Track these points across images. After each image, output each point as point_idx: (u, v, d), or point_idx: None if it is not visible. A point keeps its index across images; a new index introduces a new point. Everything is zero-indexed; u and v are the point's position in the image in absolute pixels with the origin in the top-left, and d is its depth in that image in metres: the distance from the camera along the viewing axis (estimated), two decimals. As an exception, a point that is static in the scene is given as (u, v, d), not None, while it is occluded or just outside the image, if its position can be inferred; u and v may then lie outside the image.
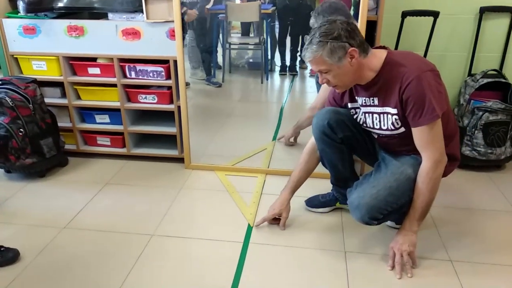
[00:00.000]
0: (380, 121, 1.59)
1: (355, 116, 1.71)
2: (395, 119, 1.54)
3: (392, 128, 1.57)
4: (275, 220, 1.90)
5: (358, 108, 1.67)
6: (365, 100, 1.61)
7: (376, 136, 1.71)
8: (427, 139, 1.50)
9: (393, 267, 1.61)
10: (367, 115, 1.64)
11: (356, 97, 1.65)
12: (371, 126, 1.65)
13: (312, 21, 2.12)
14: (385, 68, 1.51)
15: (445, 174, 1.63)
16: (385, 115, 1.56)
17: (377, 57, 1.52)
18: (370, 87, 1.56)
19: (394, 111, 1.52)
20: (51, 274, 1.59)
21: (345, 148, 1.78)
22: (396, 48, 2.45)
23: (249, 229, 1.88)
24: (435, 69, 1.51)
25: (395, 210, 1.60)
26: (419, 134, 1.50)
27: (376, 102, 1.57)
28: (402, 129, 1.56)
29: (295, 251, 1.73)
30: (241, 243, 1.78)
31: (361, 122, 1.69)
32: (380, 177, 1.62)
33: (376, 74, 1.52)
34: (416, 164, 1.58)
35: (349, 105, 1.71)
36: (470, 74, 2.49)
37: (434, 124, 1.46)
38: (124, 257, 1.68)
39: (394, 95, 1.50)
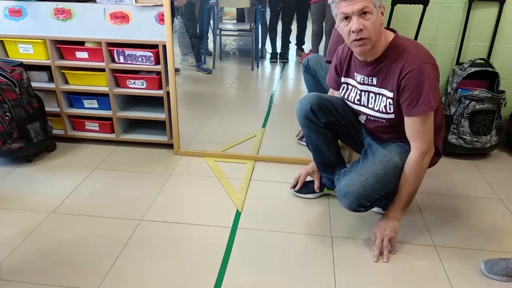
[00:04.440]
0: (375, 101, 1.60)
1: (345, 94, 1.70)
2: (389, 103, 1.55)
3: (383, 111, 1.58)
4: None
5: (352, 85, 1.67)
6: (363, 78, 1.61)
7: (364, 119, 1.72)
8: (418, 130, 1.51)
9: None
10: (363, 93, 1.63)
11: (355, 73, 1.64)
12: (365, 104, 1.64)
13: None
14: (389, 50, 1.50)
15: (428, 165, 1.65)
16: (381, 96, 1.57)
17: (386, 36, 1.51)
18: (371, 66, 1.56)
19: (390, 94, 1.53)
20: (38, 258, 1.59)
21: (329, 133, 1.80)
22: (386, 36, 2.45)
23: (238, 214, 1.89)
24: (436, 64, 1.52)
25: (382, 197, 1.63)
26: (411, 124, 1.52)
27: (374, 82, 1.57)
28: (392, 116, 1.57)
29: (283, 236, 1.76)
30: (229, 228, 1.80)
31: (351, 100, 1.69)
32: (367, 165, 1.64)
33: (380, 54, 1.52)
34: (402, 152, 1.60)
35: (343, 79, 1.71)
36: (458, 63, 2.51)
37: (427, 115, 1.48)
38: (112, 242, 1.69)
39: (393, 79, 1.50)
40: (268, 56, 4.58)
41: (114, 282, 1.49)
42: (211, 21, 4.35)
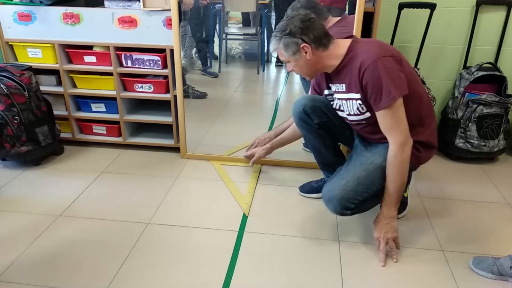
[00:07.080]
0: (348, 107, 1.63)
1: (332, 103, 1.74)
2: (359, 104, 1.57)
3: (358, 112, 1.60)
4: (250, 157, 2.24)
5: (333, 94, 1.71)
6: (337, 86, 1.65)
7: (350, 123, 1.74)
8: (390, 123, 1.53)
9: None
10: (340, 101, 1.67)
11: (330, 84, 1.69)
12: (343, 110, 1.68)
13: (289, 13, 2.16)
14: (347, 56, 1.56)
15: (421, 161, 1.67)
16: (351, 101, 1.60)
17: (340, 47, 1.57)
18: (337, 74, 1.61)
19: (358, 95, 1.56)
20: (45, 262, 1.60)
21: (324, 133, 1.83)
22: (392, 40, 2.45)
23: (244, 218, 1.89)
24: (397, 55, 1.54)
25: (367, 199, 1.62)
26: (381, 118, 1.53)
27: (344, 88, 1.61)
28: (368, 114, 1.58)
29: (290, 240, 1.75)
30: (236, 231, 1.80)
31: (337, 108, 1.72)
32: (349, 169, 1.66)
33: (340, 61, 1.57)
34: (387, 153, 1.59)
35: (326, 91, 1.75)
36: (465, 67, 2.50)
37: (393, 106, 1.48)
38: (120, 245, 1.69)
39: (355, 81, 1.53)
40: (273, 60, 4.59)
41: (121, 285, 1.49)
42: (217, 25, 4.37)
